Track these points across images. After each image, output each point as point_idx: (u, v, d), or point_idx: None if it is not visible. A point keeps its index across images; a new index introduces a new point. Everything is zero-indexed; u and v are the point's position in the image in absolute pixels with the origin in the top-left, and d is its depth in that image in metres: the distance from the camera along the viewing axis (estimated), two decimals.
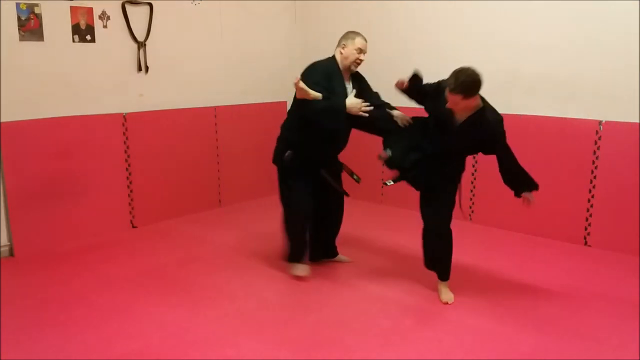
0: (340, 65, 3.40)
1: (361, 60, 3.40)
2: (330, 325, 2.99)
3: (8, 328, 2.93)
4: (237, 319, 3.05)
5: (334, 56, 3.45)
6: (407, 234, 4.46)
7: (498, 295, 3.36)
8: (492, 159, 4.69)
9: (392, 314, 3.12)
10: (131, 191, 4.57)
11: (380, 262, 3.88)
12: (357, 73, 3.50)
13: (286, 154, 3.44)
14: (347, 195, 3.72)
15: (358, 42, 3.37)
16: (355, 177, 3.67)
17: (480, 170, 4.66)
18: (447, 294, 3.27)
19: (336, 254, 3.86)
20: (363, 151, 5.41)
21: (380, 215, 5.00)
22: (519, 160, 3.13)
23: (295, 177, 3.49)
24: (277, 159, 3.53)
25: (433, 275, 3.53)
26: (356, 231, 4.48)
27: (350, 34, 3.40)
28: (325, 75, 3.35)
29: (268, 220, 4.78)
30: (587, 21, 4.07)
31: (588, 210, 4.19)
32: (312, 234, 3.64)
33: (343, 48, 3.38)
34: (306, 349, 2.75)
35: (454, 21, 4.74)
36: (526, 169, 4.39)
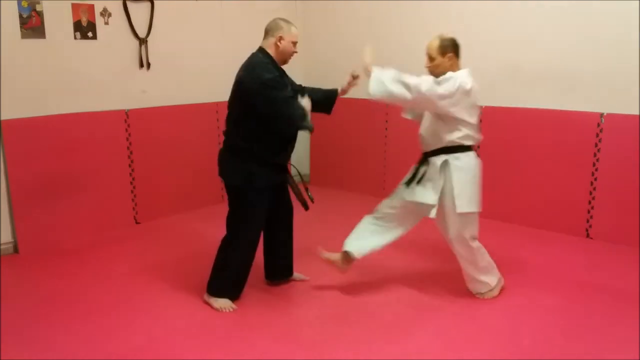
0: (276, 60, 3.00)
1: (295, 53, 3.04)
2: (332, 320, 3.00)
3: (12, 325, 2.94)
4: (240, 314, 3.06)
5: (263, 50, 3.00)
6: None
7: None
8: (493, 153, 4.69)
9: (395, 308, 3.13)
10: (134, 187, 4.59)
11: (381, 256, 3.88)
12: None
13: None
14: (307, 208, 3.22)
15: (294, 33, 2.99)
16: (309, 196, 3.25)
17: (481, 164, 4.65)
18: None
19: (292, 272, 3.48)
20: (363, 145, 5.44)
21: None
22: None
23: (260, 196, 3.03)
24: (241, 177, 2.98)
25: (434, 269, 3.54)
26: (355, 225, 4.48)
27: (282, 23, 2.97)
28: (276, 73, 2.95)
29: None
30: (589, 13, 4.06)
31: (590, 202, 4.19)
32: (269, 252, 3.36)
33: (279, 40, 2.95)
34: (310, 343, 2.76)
35: (455, 15, 4.72)
36: (528, 161, 4.42)
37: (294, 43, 3.02)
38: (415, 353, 2.67)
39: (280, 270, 3.42)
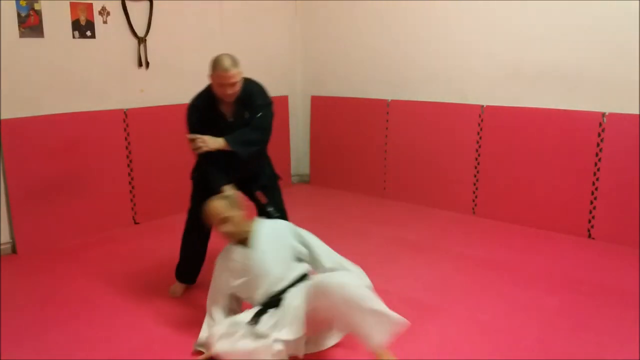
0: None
1: (231, 93, 2.79)
2: None
3: (10, 326, 2.93)
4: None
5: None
6: (410, 228, 4.45)
7: (502, 288, 3.35)
8: (494, 152, 4.67)
9: (396, 308, 3.09)
10: (133, 187, 4.57)
11: (383, 256, 3.87)
12: (247, 97, 2.90)
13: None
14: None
15: (214, 77, 2.78)
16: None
17: (483, 164, 4.64)
18: None
19: None
20: (363, 144, 5.42)
21: (382, 209, 4.98)
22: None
23: None
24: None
25: (436, 269, 3.52)
26: (358, 225, 4.47)
27: (212, 63, 2.77)
28: (198, 112, 2.92)
29: None
30: (591, 12, 4.04)
31: (592, 202, 4.16)
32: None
33: (210, 79, 2.84)
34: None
35: (457, 15, 4.71)
36: (529, 161, 4.41)
37: (219, 85, 2.79)
38: (415, 353, 2.66)
39: None
